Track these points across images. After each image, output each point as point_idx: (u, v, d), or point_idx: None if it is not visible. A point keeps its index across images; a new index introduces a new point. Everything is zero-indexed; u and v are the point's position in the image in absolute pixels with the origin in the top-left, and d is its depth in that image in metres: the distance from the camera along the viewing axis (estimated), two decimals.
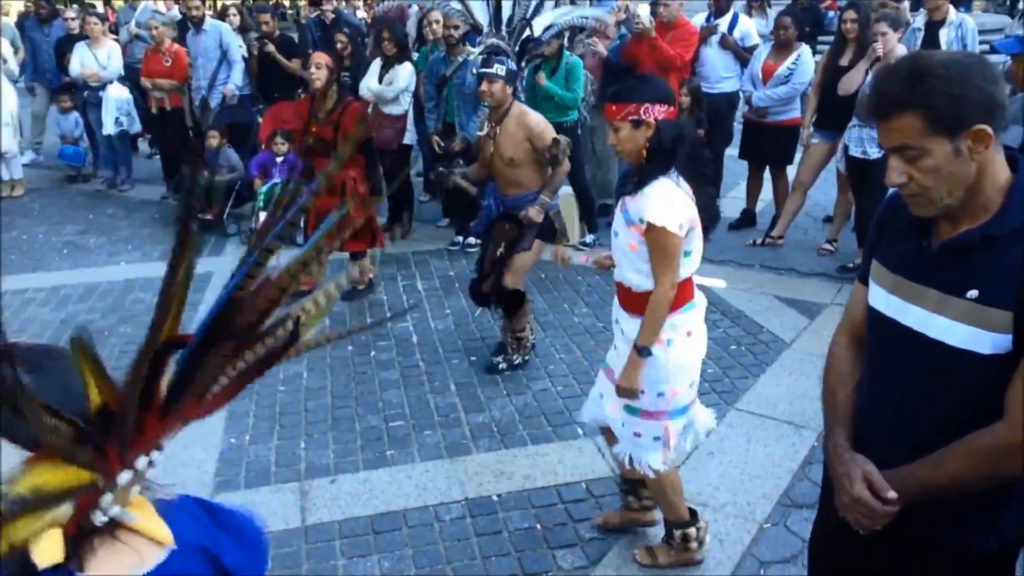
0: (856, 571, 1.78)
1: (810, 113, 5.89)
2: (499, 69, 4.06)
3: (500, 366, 4.39)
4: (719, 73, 6.51)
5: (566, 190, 6.41)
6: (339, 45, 6.77)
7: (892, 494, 1.52)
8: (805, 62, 5.95)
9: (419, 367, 4.51)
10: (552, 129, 4.21)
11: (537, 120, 4.18)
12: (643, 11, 6.05)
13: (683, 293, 2.64)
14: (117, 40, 8.47)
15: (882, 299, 1.63)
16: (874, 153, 5.14)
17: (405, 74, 6.30)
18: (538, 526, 3.18)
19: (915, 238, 1.58)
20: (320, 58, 4.97)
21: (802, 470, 3.49)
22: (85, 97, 8.00)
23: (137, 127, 8.22)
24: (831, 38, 6.23)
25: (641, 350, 2.58)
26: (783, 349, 4.60)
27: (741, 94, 6.52)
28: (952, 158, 1.43)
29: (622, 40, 6.58)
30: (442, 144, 6.21)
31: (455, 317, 5.12)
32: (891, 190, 1.62)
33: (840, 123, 5.52)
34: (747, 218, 6.63)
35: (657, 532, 3.06)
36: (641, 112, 2.54)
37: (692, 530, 2.88)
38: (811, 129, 5.88)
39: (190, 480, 3.50)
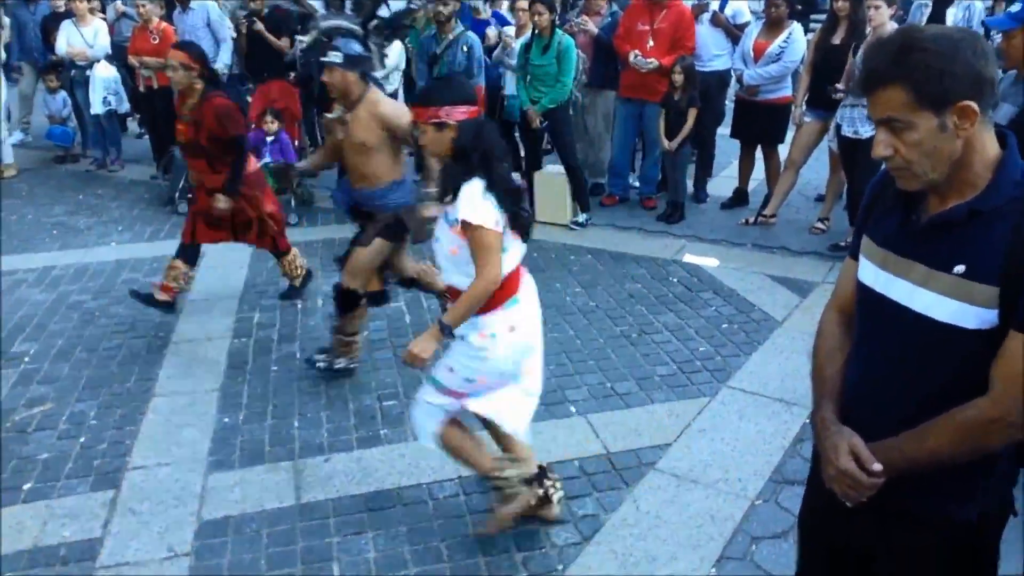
0: (843, 546, 1.80)
1: (802, 92, 5.88)
2: (334, 56, 3.69)
3: (319, 364, 4.12)
4: (710, 51, 6.50)
5: (558, 168, 6.42)
6: None
7: (877, 466, 1.54)
8: (796, 40, 5.95)
9: None
10: (408, 113, 3.66)
11: (392, 110, 3.82)
12: (642, 62, 6.11)
13: (507, 288, 2.67)
14: (104, 18, 8.38)
15: (871, 274, 1.64)
16: (865, 132, 5.14)
17: (395, 52, 6.26)
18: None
19: (904, 213, 1.59)
20: (174, 57, 4.37)
21: (793, 447, 3.52)
22: (72, 76, 7.93)
23: (125, 106, 8.15)
24: (823, 16, 6.22)
25: (445, 328, 2.63)
26: (775, 327, 4.63)
27: (732, 72, 6.50)
28: (937, 133, 1.44)
29: (613, 17, 6.55)
30: None
31: None
32: (882, 167, 1.63)
33: (832, 102, 5.51)
34: (739, 197, 6.65)
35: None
36: (442, 114, 2.60)
37: (502, 473, 2.90)
38: (803, 108, 5.88)
39: (184, 459, 3.51)
